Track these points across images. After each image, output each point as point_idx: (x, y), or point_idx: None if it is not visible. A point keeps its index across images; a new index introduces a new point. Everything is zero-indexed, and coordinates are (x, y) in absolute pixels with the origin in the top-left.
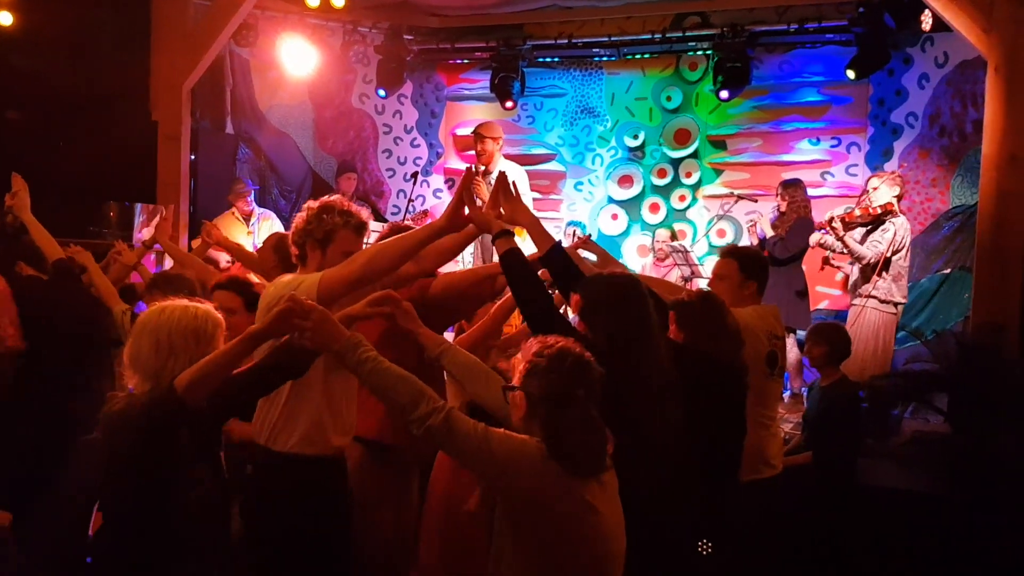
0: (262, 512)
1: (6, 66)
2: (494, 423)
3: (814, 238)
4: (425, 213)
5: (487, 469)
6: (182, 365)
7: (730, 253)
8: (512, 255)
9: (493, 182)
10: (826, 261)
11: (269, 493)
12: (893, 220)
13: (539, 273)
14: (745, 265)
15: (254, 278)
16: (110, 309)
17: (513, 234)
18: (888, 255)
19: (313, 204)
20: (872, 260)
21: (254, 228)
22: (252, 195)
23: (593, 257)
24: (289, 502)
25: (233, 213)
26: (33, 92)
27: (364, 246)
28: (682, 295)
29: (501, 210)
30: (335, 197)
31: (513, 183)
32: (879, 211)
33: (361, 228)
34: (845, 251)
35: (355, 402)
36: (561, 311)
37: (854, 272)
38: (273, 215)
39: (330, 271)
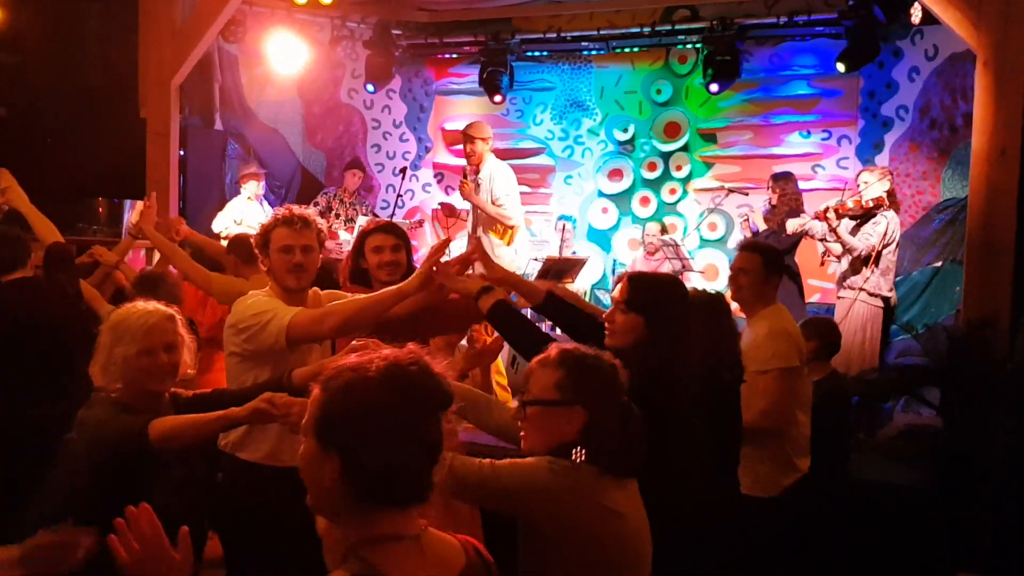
0: (230, 521)
1: None
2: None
3: (793, 224)
4: (420, 223)
5: (503, 503)
6: (98, 361)
7: (753, 247)
8: (498, 309)
9: (482, 181)
10: (825, 255)
11: (237, 502)
12: (884, 214)
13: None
14: (768, 260)
15: None
16: (96, 310)
17: (493, 288)
18: (879, 248)
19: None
20: (863, 253)
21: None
22: (263, 179)
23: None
24: (257, 512)
25: (248, 198)
26: (21, 89)
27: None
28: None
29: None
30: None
31: (478, 241)
32: (871, 205)
33: (291, 221)
34: (832, 240)
35: None
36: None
37: (842, 264)
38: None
39: (300, 319)
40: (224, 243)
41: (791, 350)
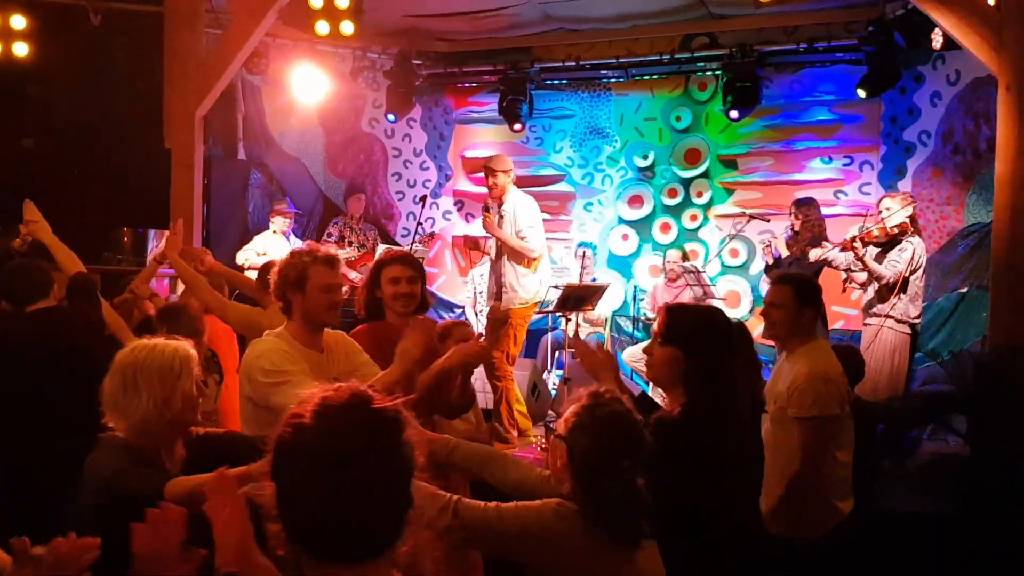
0: None
1: (22, 96)
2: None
3: (815, 253)
4: (432, 236)
5: (509, 547)
6: (145, 403)
7: (783, 279)
8: None
9: (505, 213)
10: (847, 282)
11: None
12: (910, 240)
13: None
14: (800, 291)
15: None
16: (119, 341)
17: None
18: (906, 275)
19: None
20: (891, 280)
21: None
22: (292, 218)
23: None
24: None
25: (274, 232)
26: (48, 121)
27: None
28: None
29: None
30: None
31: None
32: (896, 231)
33: (331, 261)
34: (857, 269)
35: None
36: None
37: (869, 292)
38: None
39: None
40: (250, 274)
41: (831, 397)
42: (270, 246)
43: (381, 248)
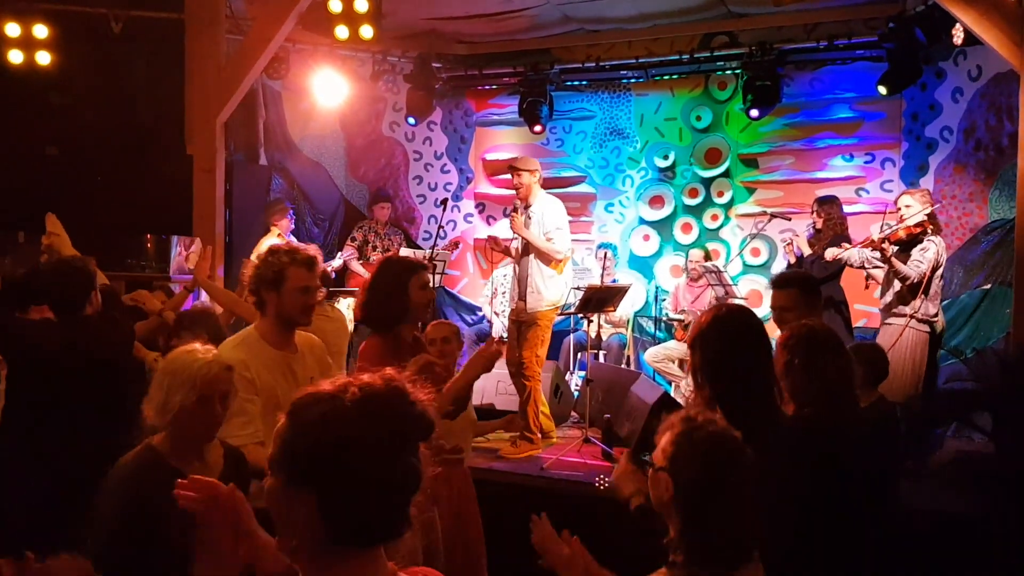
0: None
1: (45, 104)
2: None
3: (831, 252)
4: (456, 244)
5: None
6: (185, 401)
7: (787, 282)
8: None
9: (533, 215)
10: (868, 279)
11: None
12: (931, 239)
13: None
14: (804, 289)
15: None
16: (143, 358)
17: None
18: (929, 274)
19: (261, 253)
20: (915, 279)
21: None
22: (291, 214)
23: None
24: None
25: (279, 236)
26: (71, 129)
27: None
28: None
29: None
30: (277, 242)
31: None
32: (917, 230)
33: (311, 263)
34: (868, 267)
35: None
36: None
37: (888, 294)
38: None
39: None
40: None
41: None
42: None
43: (404, 252)
